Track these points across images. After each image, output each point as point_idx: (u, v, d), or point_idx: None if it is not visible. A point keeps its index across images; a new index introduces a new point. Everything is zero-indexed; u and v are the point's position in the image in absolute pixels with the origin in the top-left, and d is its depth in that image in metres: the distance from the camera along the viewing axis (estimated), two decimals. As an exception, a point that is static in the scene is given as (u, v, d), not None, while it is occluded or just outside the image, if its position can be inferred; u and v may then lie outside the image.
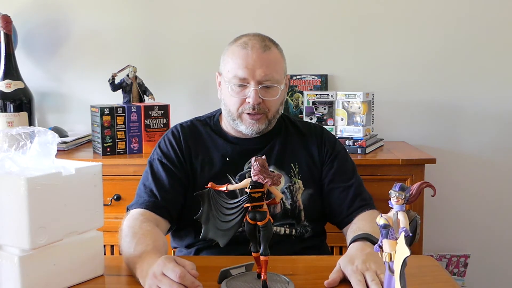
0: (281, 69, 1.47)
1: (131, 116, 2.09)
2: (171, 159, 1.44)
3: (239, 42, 1.43)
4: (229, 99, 1.44)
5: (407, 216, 0.80)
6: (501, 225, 2.46)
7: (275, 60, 1.44)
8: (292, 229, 1.44)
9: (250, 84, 1.40)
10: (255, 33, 1.47)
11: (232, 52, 1.43)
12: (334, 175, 1.47)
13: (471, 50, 2.39)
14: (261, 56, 1.40)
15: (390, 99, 2.40)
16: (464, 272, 2.42)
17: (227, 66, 1.44)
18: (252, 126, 1.44)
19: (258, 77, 1.40)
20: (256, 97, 1.40)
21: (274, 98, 1.43)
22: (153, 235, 1.22)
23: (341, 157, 1.51)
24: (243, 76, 1.40)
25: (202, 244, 1.43)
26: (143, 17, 2.44)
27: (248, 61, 1.39)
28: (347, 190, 1.45)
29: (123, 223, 1.29)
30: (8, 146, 1.08)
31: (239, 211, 1.04)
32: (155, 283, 1.01)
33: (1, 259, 1.04)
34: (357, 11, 2.40)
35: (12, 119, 2.11)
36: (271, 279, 1.08)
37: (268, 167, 1.04)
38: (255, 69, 1.39)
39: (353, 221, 1.39)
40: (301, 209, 1.45)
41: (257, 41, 1.42)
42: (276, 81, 1.42)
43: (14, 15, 2.22)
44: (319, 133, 1.55)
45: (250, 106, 1.41)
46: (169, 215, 1.37)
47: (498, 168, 2.44)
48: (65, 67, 2.47)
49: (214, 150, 1.47)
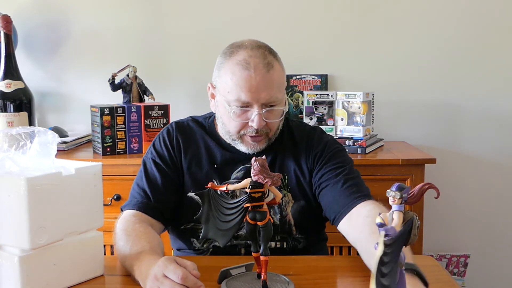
0: (284, 85, 1.39)
1: (131, 116, 2.09)
2: (164, 158, 1.42)
3: (239, 60, 1.32)
4: (228, 121, 1.36)
5: (402, 216, 0.79)
6: (501, 225, 2.46)
7: (278, 79, 1.35)
8: (283, 242, 1.40)
9: (253, 108, 1.32)
10: (251, 42, 1.36)
11: (231, 71, 1.32)
12: (323, 177, 1.37)
13: (471, 50, 2.39)
14: (265, 77, 1.30)
15: (390, 99, 2.40)
16: (464, 272, 2.42)
17: (226, 86, 1.33)
18: (254, 147, 1.37)
19: (263, 100, 1.31)
20: (261, 121, 1.32)
21: (277, 120, 1.37)
22: (148, 236, 1.22)
23: (331, 157, 1.40)
24: (247, 100, 1.31)
25: (195, 252, 1.42)
26: (143, 17, 2.45)
27: (252, 84, 1.30)
28: (335, 185, 1.34)
29: (116, 226, 1.28)
30: (8, 146, 1.08)
31: (239, 211, 1.04)
32: (156, 285, 1.00)
33: (1, 259, 1.04)
34: (357, 11, 2.40)
35: (12, 119, 2.11)
36: (271, 279, 1.07)
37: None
38: (260, 92, 1.30)
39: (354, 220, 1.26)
40: (292, 223, 1.39)
41: (259, 59, 1.31)
42: (279, 101, 1.35)
43: (14, 15, 2.22)
44: (310, 139, 1.44)
45: (253, 130, 1.34)
46: (162, 217, 1.36)
47: (498, 168, 2.44)
48: (65, 67, 2.47)
49: (204, 153, 1.43)
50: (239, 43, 1.37)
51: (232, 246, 1.38)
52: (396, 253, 0.78)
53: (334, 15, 2.41)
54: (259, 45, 1.36)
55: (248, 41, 1.37)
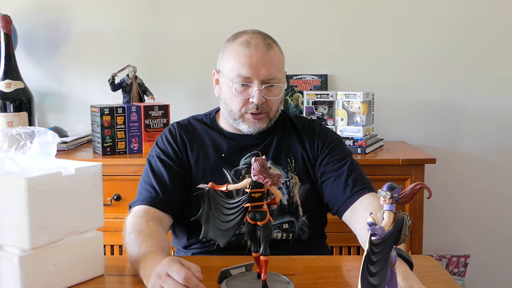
0: (283, 67, 1.47)
1: (131, 116, 2.09)
2: (169, 155, 1.45)
3: (241, 41, 1.41)
4: (231, 99, 1.43)
5: (393, 216, 0.79)
6: (501, 225, 2.46)
7: (277, 59, 1.44)
8: (289, 233, 1.42)
9: (253, 84, 1.40)
10: (254, 30, 1.46)
11: (234, 51, 1.41)
12: (326, 167, 1.44)
13: (471, 50, 2.39)
14: (264, 55, 1.39)
15: (390, 99, 2.40)
16: (464, 272, 2.42)
17: (229, 65, 1.42)
18: (255, 125, 1.44)
19: (262, 76, 1.39)
20: (260, 96, 1.39)
21: (277, 98, 1.44)
22: (158, 236, 1.23)
23: (333, 148, 1.47)
24: (247, 75, 1.39)
25: (199, 249, 1.43)
26: (143, 17, 2.44)
27: (252, 60, 1.38)
28: (339, 177, 1.41)
29: (126, 220, 1.29)
30: (8, 146, 1.08)
31: (239, 211, 1.04)
32: (158, 283, 1.00)
33: (1, 259, 1.04)
34: (357, 11, 2.40)
35: (12, 119, 2.11)
36: (271, 279, 1.08)
37: (267, 163, 1.04)
38: (259, 68, 1.39)
39: (356, 212, 1.33)
40: (299, 204, 1.44)
41: (260, 39, 1.41)
42: (278, 80, 1.43)
43: (14, 15, 2.22)
44: (312, 128, 1.52)
45: (254, 106, 1.41)
46: (171, 210, 1.38)
47: (498, 168, 2.44)
48: (65, 67, 2.47)
49: (210, 145, 1.47)
50: (242, 31, 1.46)
51: (238, 238, 1.39)
52: (386, 252, 0.78)
53: (334, 15, 2.41)
54: (260, 32, 1.46)
55: (249, 29, 1.47)
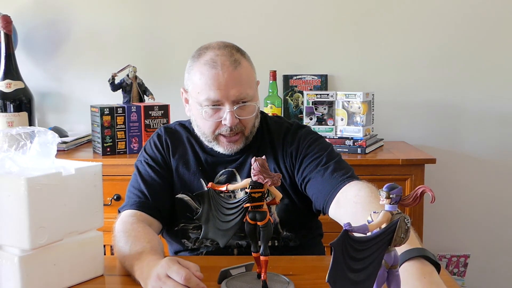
0: (253, 82, 1.39)
1: (131, 116, 2.09)
2: (157, 160, 1.44)
3: (206, 60, 1.33)
4: (202, 122, 1.37)
5: (389, 216, 0.78)
6: (501, 225, 2.46)
7: (247, 75, 1.35)
8: (274, 241, 1.40)
9: (224, 106, 1.33)
10: (219, 43, 1.37)
11: (199, 72, 1.34)
12: (305, 171, 1.36)
13: (472, 50, 2.39)
14: (232, 74, 1.31)
15: (390, 99, 2.40)
16: (464, 272, 2.42)
17: (197, 87, 1.35)
18: (231, 147, 1.38)
19: (233, 97, 1.32)
20: (233, 118, 1.33)
21: (251, 116, 1.37)
22: (147, 235, 1.22)
23: (307, 151, 1.39)
24: (216, 98, 1.32)
25: (189, 252, 1.43)
26: (143, 17, 2.45)
27: (220, 82, 1.31)
28: (317, 176, 1.32)
29: (115, 228, 1.28)
30: (8, 146, 1.08)
31: (239, 211, 1.04)
32: (159, 285, 1.00)
33: (1, 259, 1.04)
34: (357, 11, 2.40)
35: (12, 119, 2.12)
36: (271, 279, 1.07)
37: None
38: (229, 89, 1.31)
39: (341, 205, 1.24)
40: (277, 222, 1.40)
41: (226, 56, 1.33)
42: (250, 97, 1.35)
43: (14, 15, 2.22)
44: (285, 135, 1.43)
45: (227, 128, 1.34)
46: (160, 216, 1.37)
47: (498, 168, 2.44)
48: (65, 67, 2.48)
49: (191, 154, 1.44)
50: (207, 45, 1.38)
51: (225, 247, 1.37)
52: (375, 252, 0.75)
53: (334, 15, 2.41)
54: (226, 45, 1.37)
55: (215, 42, 1.38)
